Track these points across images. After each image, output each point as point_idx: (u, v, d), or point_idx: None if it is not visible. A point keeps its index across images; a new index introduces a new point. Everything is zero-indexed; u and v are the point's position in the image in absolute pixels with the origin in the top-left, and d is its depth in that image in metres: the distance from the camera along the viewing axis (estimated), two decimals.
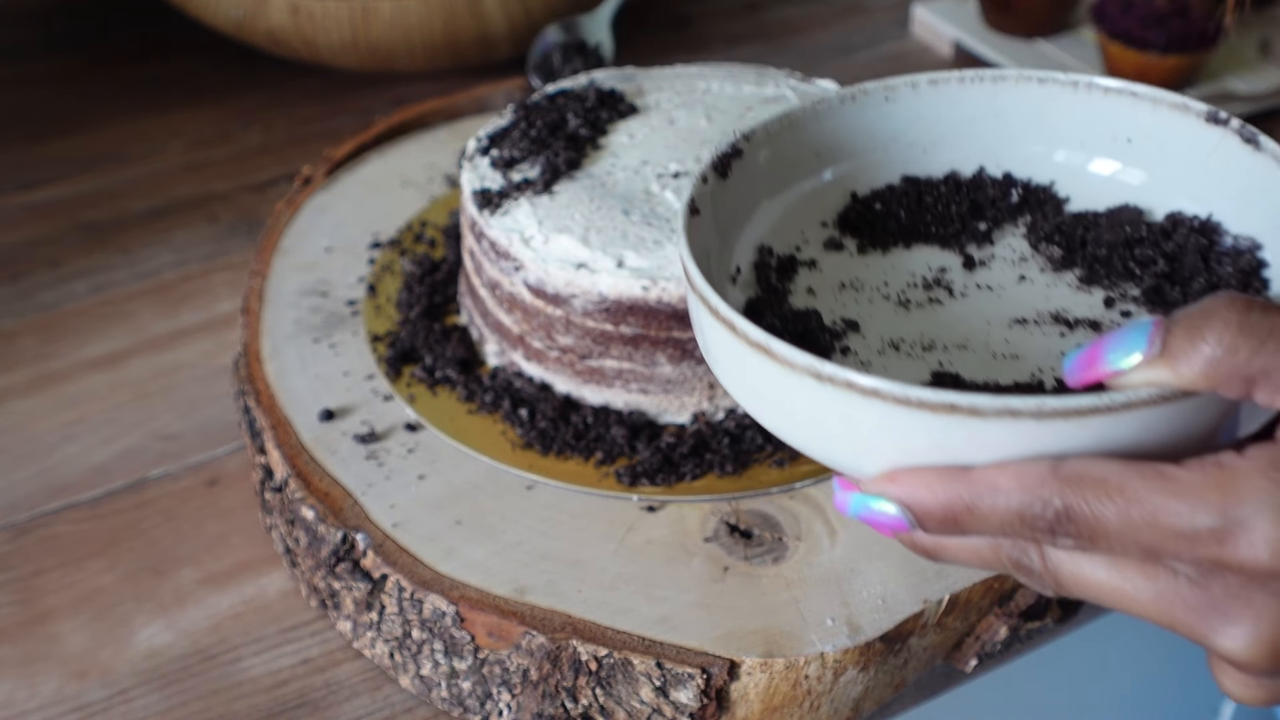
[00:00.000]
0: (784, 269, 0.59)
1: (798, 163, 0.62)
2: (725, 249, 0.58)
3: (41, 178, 1.02)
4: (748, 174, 0.59)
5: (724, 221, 0.58)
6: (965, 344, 0.55)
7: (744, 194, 0.59)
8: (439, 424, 0.71)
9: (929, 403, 0.43)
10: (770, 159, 0.60)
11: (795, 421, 0.48)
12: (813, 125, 0.62)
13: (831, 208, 0.62)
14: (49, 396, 0.82)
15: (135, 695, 0.66)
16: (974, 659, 0.65)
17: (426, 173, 0.90)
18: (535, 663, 0.61)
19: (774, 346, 0.46)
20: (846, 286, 0.59)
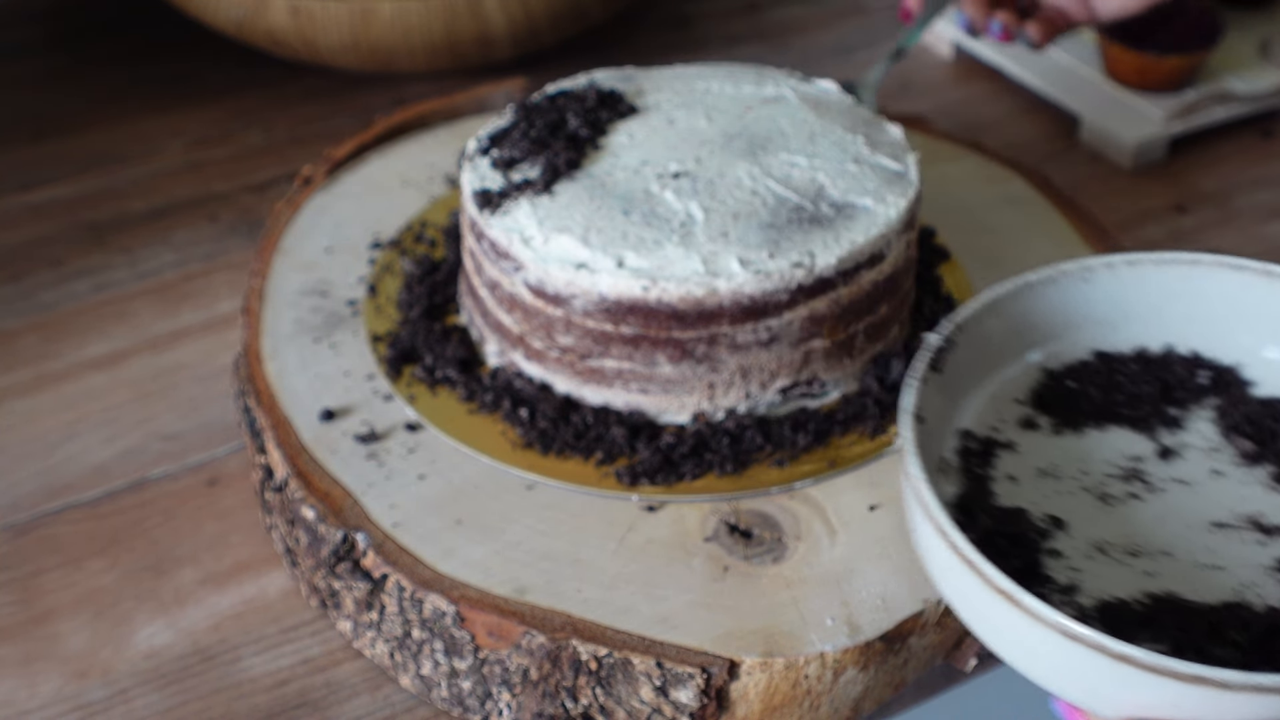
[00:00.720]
0: (985, 452, 0.61)
1: (1000, 346, 0.64)
2: (931, 442, 0.60)
3: (42, 178, 1.02)
4: (957, 364, 0.62)
5: (934, 415, 0.60)
6: (1169, 551, 0.56)
7: (952, 384, 0.62)
8: (439, 424, 0.71)
9: (1178, 673, 0.46)
10: (975, 345, 0.63)
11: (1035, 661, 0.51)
12: (1012, 307, 0.64)
13: (1025, 385, 0.64)
14: (49, 396, 0.82)
15: (135, 695, 0.66)
16: (974, 659, 0.65)
17: (426, 173, 0.90)
18: (535, 662, 0.61)
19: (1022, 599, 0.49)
20: (1046, 474, 0.60)
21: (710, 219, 0.69)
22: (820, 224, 0.69)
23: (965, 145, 0.93)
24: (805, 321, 0.69)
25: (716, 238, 0.68)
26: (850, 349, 0.72)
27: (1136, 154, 1.02)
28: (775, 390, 0.71)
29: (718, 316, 0.67)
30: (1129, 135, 1.02)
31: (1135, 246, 0.94)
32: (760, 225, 0.69)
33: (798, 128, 0.76)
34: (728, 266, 0.67)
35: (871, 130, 0.76)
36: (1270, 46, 1.11)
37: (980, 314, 0.63)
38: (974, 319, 0.63)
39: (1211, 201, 1.00)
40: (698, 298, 0.66)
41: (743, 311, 0.67)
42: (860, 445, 0.70)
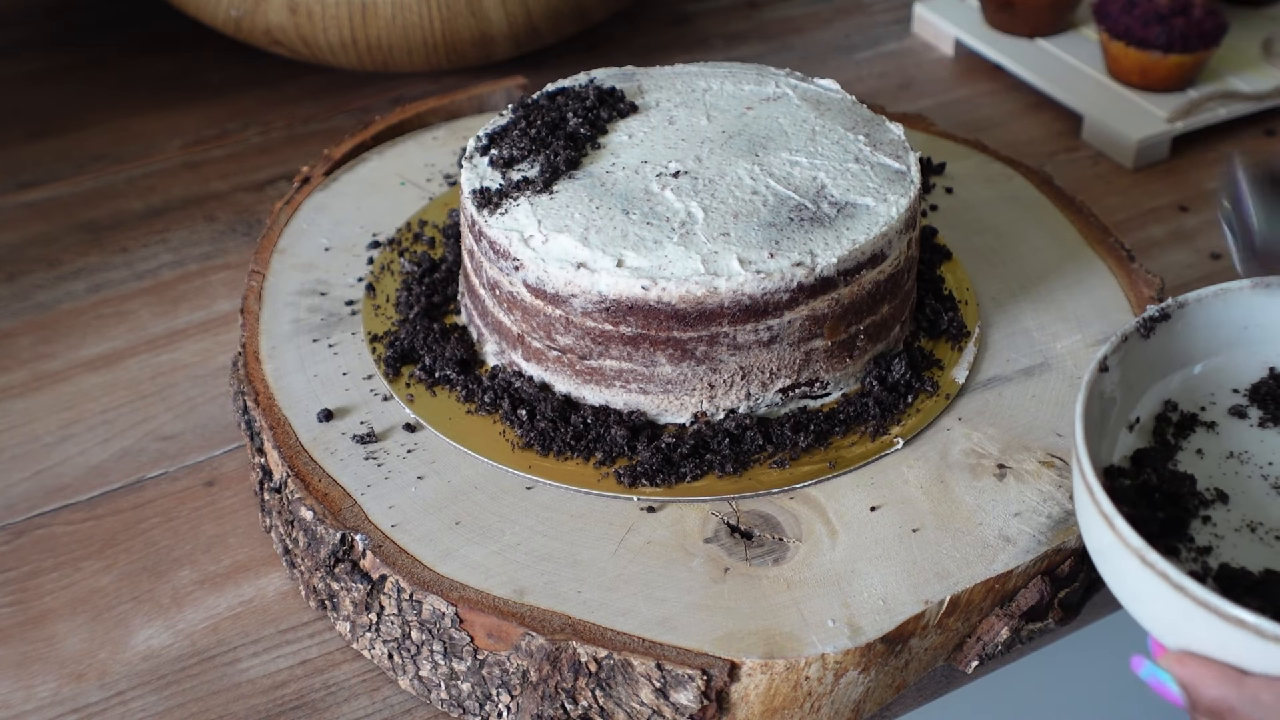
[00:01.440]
0: (1183, 425, 0.64)
1: (1222, 334, 0.67)
2: (1130, 398, 0.64)
3: (39, 177, 1.02)
4: (1171, 336, 0.65)
5: (1136, 374, 0.64)
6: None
7: (1163, 353, 0.65)
8: (438, 424, 0.71)
9: (1221, 611, 0.50)
10: (1197, 328, 0.66)
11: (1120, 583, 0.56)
12: (1245, 303, 0.66)
13: (1247, 378, 0.66)
14: (46, 397, 0.82)
15: (133, 697, 0.66)
16: (975, 660, 0.65)
17: (426, 172, 0.90)
18: (535, 664, 0.61)
19: (1117, 524, 0.54)
20: (1234, 456, 0.63)
21: (710, 218, 0.69)
22: (821, 223, 0.69)
23: (967, 144, 0.92)
24: (806, 321, 0.68)
25: (717, 237, 0.68)
26: (851, 349, 0.71)
27: (1139, 153, 1.02)
28: (776, 390, 0.70)
29: (718, 316, 0.67)
30: (1131, 134, 1.02)
31: (1137, 246, 0.94)
32: (761, 224, 0.68)
33: (798, 127, 0.75)
34: (728, 266, 0.66)
35: (872, 129, 0.76)
36: (1272, 46, 1.11)
37: (1208, 299, 0.65)
38: (1199, 301, 0.65)
39: (1213, 201, 1.00)
40: (698, 297, 0.66)
41: (743, 311, 0.67)
42: (861, 446, 0.70)
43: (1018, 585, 0.64)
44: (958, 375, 0.74)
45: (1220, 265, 0.93)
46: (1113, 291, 0.79)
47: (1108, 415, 0.63)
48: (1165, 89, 1.05)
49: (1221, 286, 0.66)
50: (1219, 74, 1.07)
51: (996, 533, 0.65)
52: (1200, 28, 1.03)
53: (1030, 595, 0.64)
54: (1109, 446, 0.63)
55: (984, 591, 0.63)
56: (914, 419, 0.71)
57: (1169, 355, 0.66)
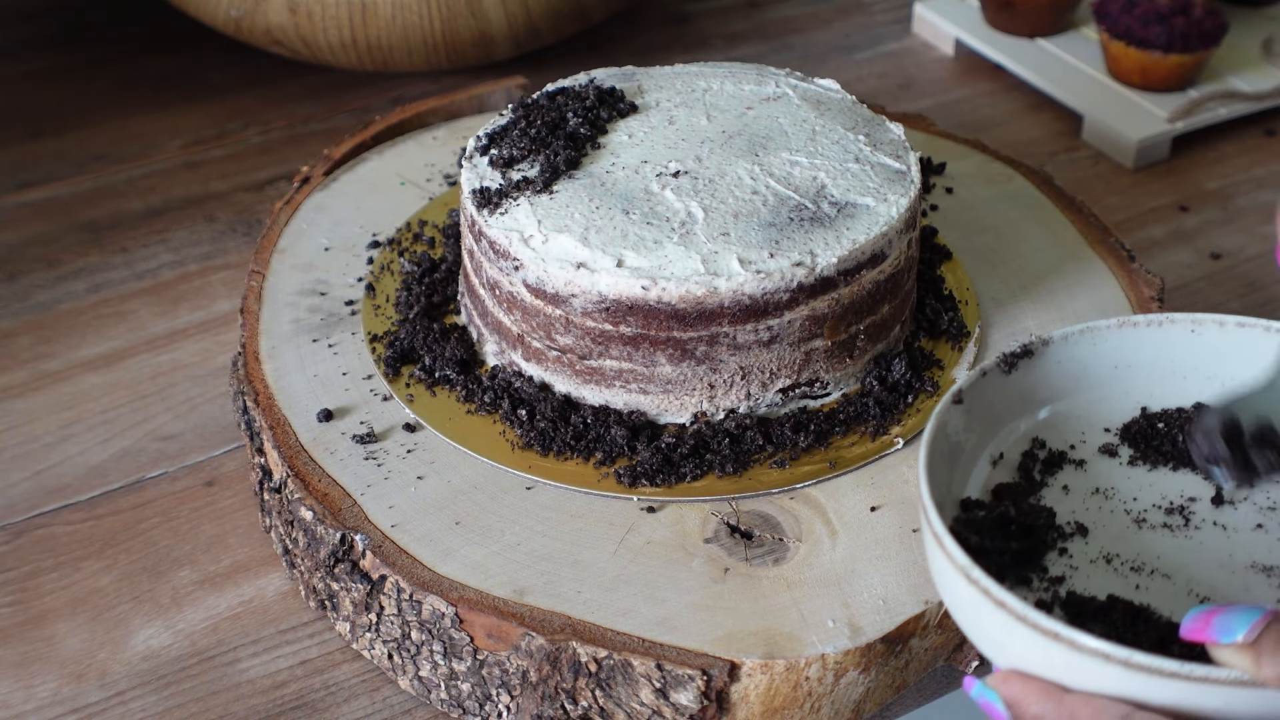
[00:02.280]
0: (1051, 463, 0.63)
1: (1092, 372, 0.66)
2: (990, 432, 0.64)
3: (39, 177, 1.02)
4: (1035, 372, 0.65)
5: (1000, 409, 0.64)
6: (1170, 575, 0.58)
7: (1027, 389, 0.65)
8: (438, 424, 0.71)
9: (1040, 626, 0.50)
10: (1063, 365, 0.65)
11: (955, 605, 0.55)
12: (1113, 341, 0.65)
13: (1119, 417, 0.65)
14: (46, 397, 0.82)
15: (132, 697, 0.66)
16: (975, 660, 0.65)
17: (425, 172, 0.90)
18: (535, 664, 0.61)
19: (945, 543, 0.54)
20: (1099, 493, 0.62)
21: (710, 218, 0.69)
22: (821, 223, 0.69)
23: (967, 144, 0.92)
24: (806, 321, 0.68)
25: (717, 237, 0.68)
26: (851, 349, 0.71)
27: (1139, 153, 1.02)
28: (776, 390, 0.70)
29: (718, 316, 0.67)
30: (1131, 134, 1.02)
31: (1137, 246, 0.94)
32: (761, 224, 0.68)
33: (798, 126, 0.75)
34: (728, 266, 0.66)
35: (873, 129, 0.76)
36: (1273, 46, 1.11)
37: (1073, 338, 0.65)
38: (1064, 339, 0.65)
39: (1214, 200, 1.00)
40: (698, 297, 0.66)
41: (743, 311, 0.67)
42: (861, 446, 0.70)
43: None
44: (958, 375, 0.74)
45: (1221, 265, 0.93)
46: (1113, 291, 0.79)
47: (962, 447, 0.62)
48: (1165, 89, 1.05)
49: (1088, 325, 0.65)
50: (1219, 74, 1.07)
51: None
52: (1200, 28, 1.03)
53: None
54: (963, 478, 0.62)
55: None
56: (914, 419, 0.71)
57: (1035, 391, 0.65)
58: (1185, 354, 0.66)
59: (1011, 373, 0.64)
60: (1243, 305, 0.90)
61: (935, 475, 0.58)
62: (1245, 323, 0.65)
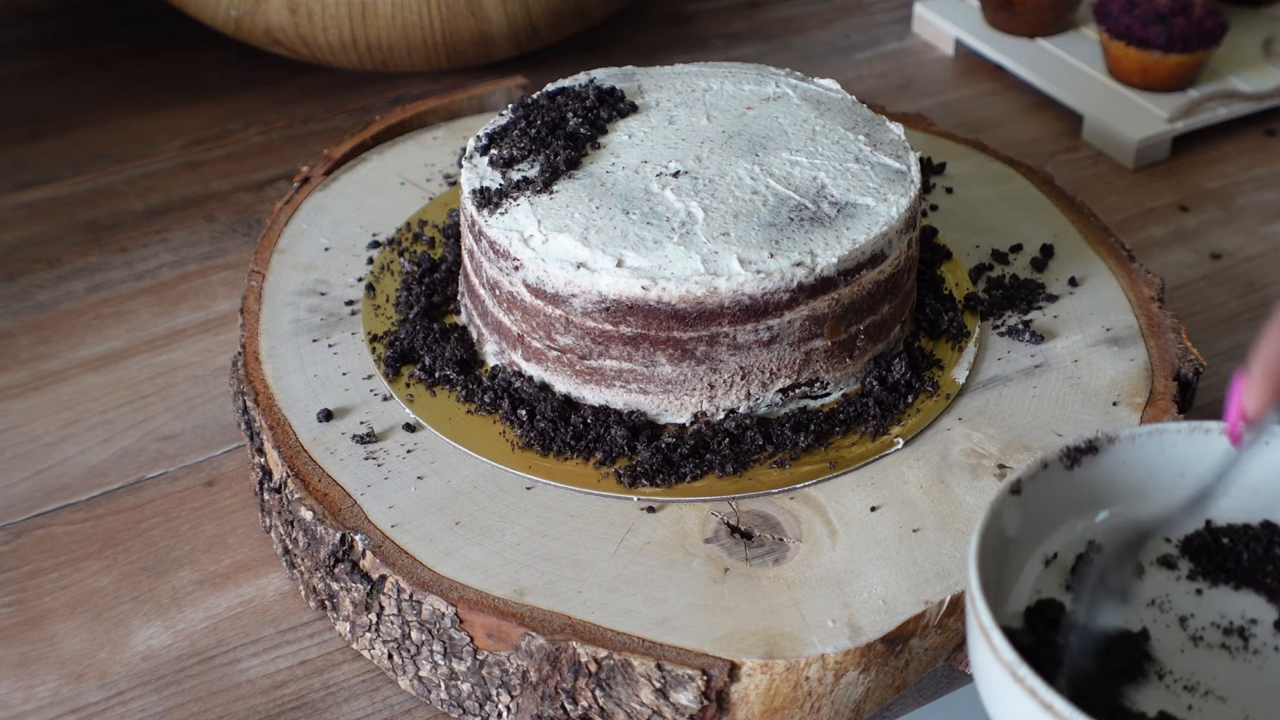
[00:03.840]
0: None
1: (1157, 477, 0.62)
2: (1044, 530, 0.60)
3: (39, 177, 1.02)
4: (1098, 470, 0.61)
5: (1055, 506, 0.60)
6: (1226, 698, 0.56)
7: (1088, 487, 0.61)
8: (438, 424, 0.71)
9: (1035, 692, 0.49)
10: (1127, 466, 0.61)
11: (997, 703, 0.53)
12: (1182, 447, 0.62)
13: (1181, 528, 0.62)
14: (46, 397, 0.82)
15: (132, 697, 0.66)
16: None
17: (426, 172, 0.90)
18: (535, 664, 0.61)
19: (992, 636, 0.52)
20: (1154, 604, 0.60)
21: (710, 218, 0.69)
22: (821, 223, 0.69)
23: (967, 144, 0.92)
24: (806, 321, 0.68)
25: (717, 237, 0.68)
26: (851, 349, 0.71)
27: (1139, 153, 1.02)
28: (776, 390, 0.70)
29: (718, 316, 0.67)
30: (1132, 134, 1.02)
31: (1137, 246, 0.94)
32: (761, 224, 0.68)
33: (798, 126, 0.75)
34: (728, 266, 0.66)
35: (873, 129, 0.76)
36: (1273, 46, 1.11)
37: (1141, 438, 0.62)
38: (1131, 439, 0.61)
39: (1214, 200, 1.00)
40: (698, 297, 0.66)
41: (743, 311, 0.67)
42: (861, 446, 0.70)
43: None
44: (958, 375, 0.74)
45: (1221, 265, 0.93)
46: (1113, 291, 0.79)
47: (1016, 542, 0.59)
48: (1165, 89, 1.05)
49: (1157, 427, 0.62)
50: (1219, 74, 1.07)
51: None
52: (1200, 28, 1.03)
53: None
54: (1013, 575, 0.59)
55: None
56: (914, 419, 0.71)
57: (1095, 491, 0.61)
58: (1257, 468, 0.62)
59: (1074, 468, 0.61)
60: (1242, 305, 0.90)
61: (985, 567, 0.55)
62: None
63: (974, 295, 0.78)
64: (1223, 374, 0.84)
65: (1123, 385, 0.73)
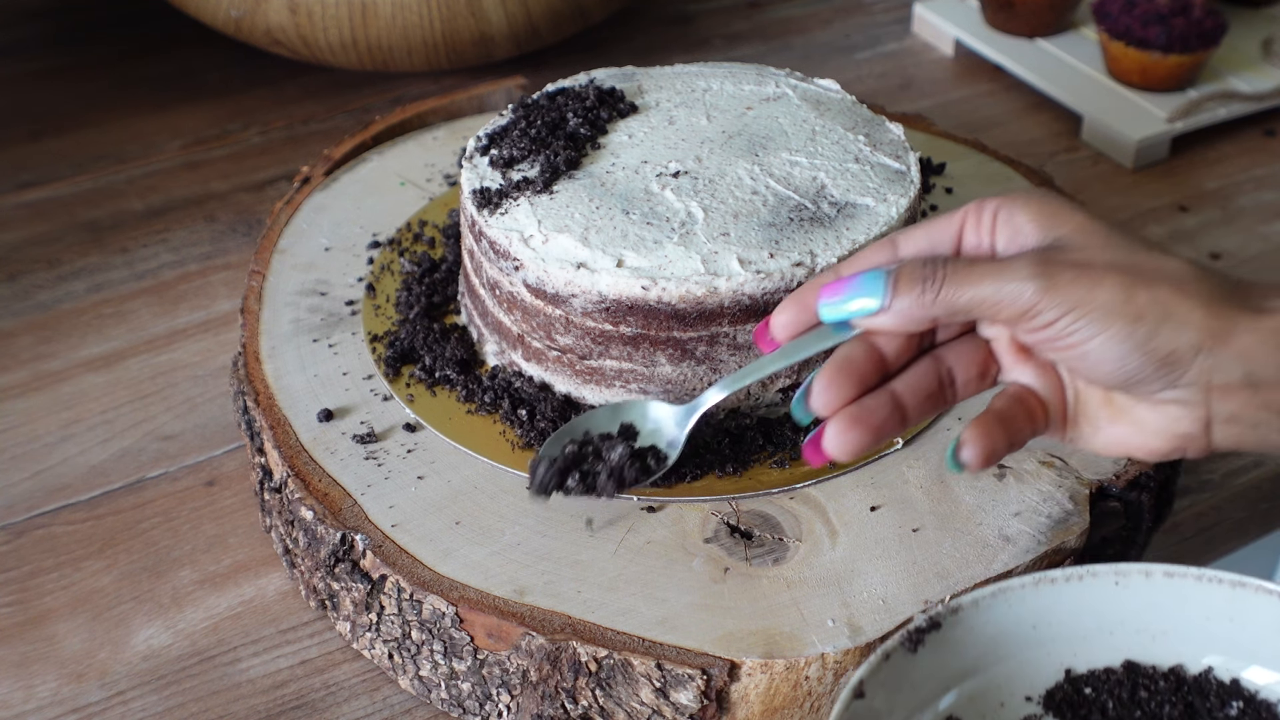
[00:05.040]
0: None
1: (1009, 636, 0.59)
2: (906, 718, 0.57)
3: (39, 177, 1.02)
4: (946, 645, 0.58)
5: (908, 693, 0.57)
6: None
7: (939, 664, 0.58)
8: (438, 424, 0.71)
9: None
10: (975, 632, 0.59)
11: None
12: (1030, 601, 0.59)
13: (1041, 682, 0.60)
14: (46, 397, 0.82)
15: (133, 697, 0.66)
16: None
17: (425, 172, 0.90)
18: (535, 664, 0.61)
19: None
20: None
21: (710, 218, 0.69)
22: (821, 223, 0.69)
23: (967, 144, 0.92)
24: None
25: (716, 237, 0.68)
26: None
27: (1138, 153, 1.02)
28: (776, 390, 0.70)
29: (718, 316, 0.67)
30: (1131, 134, 1.02)
31: None
32: (761, 224, 0.68)
33: (798, 126, 0.75)
34: (728, 266, 0.66)
35: (873, 129, 0.76)
36: (1272, 46, 1.11)
37: (984, 601, 0.59)
38: (974, 605, 0.59)
39: (1213, 201, 1.00)
40: (698, 297, 0.66)
41: (743, 311, 0.67)
42: None
43: None
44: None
45: (1221, 265, 0.93)
46: None
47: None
48: (1165, 89, 1.05)
49: (1000, 586, 0.59)
50: (1219, 74, 1.07)
51: (996, 533, 0.65)
52: (1200, 28, 1.03)
53: None
54: None
55: None
56: None
57: (946, 666, 0.58)
58: (1110, 609, 0.60)
59: (918, 650, 0.57)
60: None
61: None
62: (1174, 571, 0.59)
63: None
64: None
65: None
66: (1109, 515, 0.67)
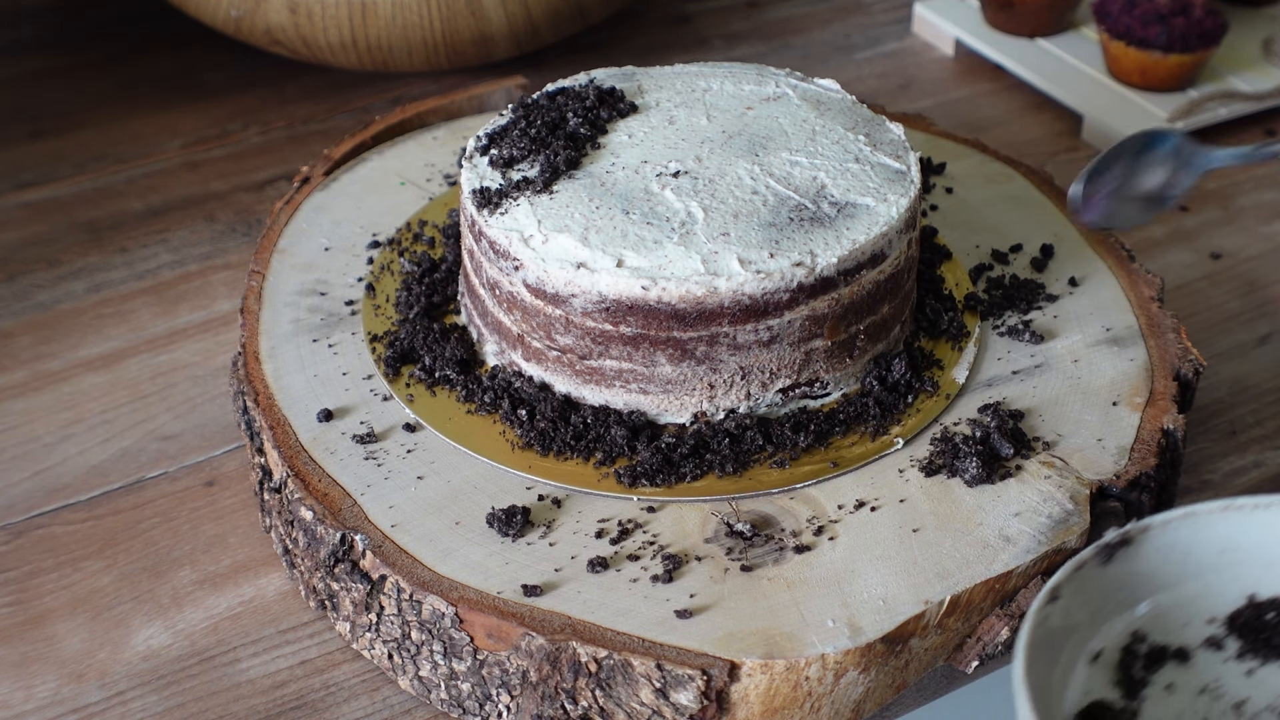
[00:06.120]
0: (1153, 658, 0.59)
1: (1195, 559, 0.61)
2: (1090, 628, 0.59)
3: (39, 177, 1.02)
4: (1134, 561, 0.60)
5: (1097, 603, 0.59)
6: None
7: (1126, 579, 0.60)
8: (438, 424, 0.71)
9: None
10: (1164, 552, 0.60)
11: None
12: (1218, 526, 0.61)
13: (1224, 606, 0.61)
14: (46, 397, 0.82)
15: (132, 697, 0.66)
16: (975, 660, 0.65)
17: (425, 172, 0.90)
18: (535, 664, 0.61)
19: None
20: (1206, 692, 0.58)
21: (710, 218, 0.69)
22: (821, 223, 0.69)
23: (967, 144, 0.92)
24: (806, 321, 0.68)
25: (717, 237, 0.68)
26: (851, 349, 0.71)
27: None
28: (776, 390, 0.70)
29: (718, 316, 0.67)
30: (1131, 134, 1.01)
31: (1137, 246, 0.94)
32: (761, 224, 0.68)
33: (798, 126, 0.75)
34: (728, 266, 0.66)
35: (873, 129, 0.76)
36: (1273, 46, 1.11)
37: (1174, 523, 0.60)
38: (1164, 525, 0.60)
39: (1214, 200, 1.00)
40: (698, 297, 0.66)
41: (743, 311, 0.67)
42: (861, 446, 0.70)
43: (1018, 585, 0.64)
44: (958, 375, 0.74)
45: (1221, 265, 0.93)
46: (1113, 291, 0.79)
47: (1061, 647, 0.57)
48: (1165, 89, 1.05)
49: (1189, 509, 0.60)
50: (1219, 74, 1.07)
51: (996, 533, 0.65)
52: (1200, 28, 1.03)
53: (1030, 595, 0.64)
54: (1062, 680, 0.58)
55: (984, 591, 0.63)
56: (914, 419, 0.71)
57: (1134, 582, 0.60)
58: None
59: (1109, 564, 0.59)
60: (1243, 305, 0.90)
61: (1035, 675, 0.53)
62: None
63: (974, 295, 0.78)
64: (1222, 374, 0.84)
65: (1123, 385, 0.73)
66: (1109, 515, 0.67)
